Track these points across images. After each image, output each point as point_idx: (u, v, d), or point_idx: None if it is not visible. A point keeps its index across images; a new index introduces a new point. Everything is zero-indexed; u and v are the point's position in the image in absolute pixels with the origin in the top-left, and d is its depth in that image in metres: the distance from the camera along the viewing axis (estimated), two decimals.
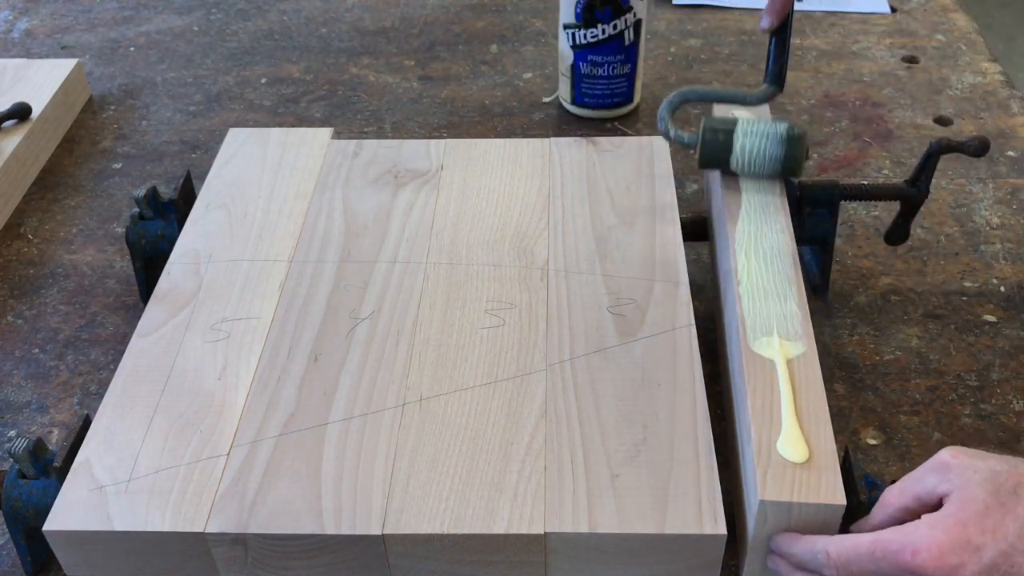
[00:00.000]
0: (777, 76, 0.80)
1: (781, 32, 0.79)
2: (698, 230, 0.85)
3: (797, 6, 0.91)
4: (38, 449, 0.64)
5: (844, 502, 0.56)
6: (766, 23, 0.78)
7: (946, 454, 0.55)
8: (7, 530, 0.67)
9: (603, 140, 0.90)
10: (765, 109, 0.83)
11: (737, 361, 0.66)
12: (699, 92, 0.82)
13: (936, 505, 0.54)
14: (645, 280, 0.75)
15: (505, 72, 1.19)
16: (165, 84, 1.19)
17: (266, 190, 0.86)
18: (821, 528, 0.57)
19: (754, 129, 0.76)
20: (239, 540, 0.60)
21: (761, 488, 0.57)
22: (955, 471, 0.53)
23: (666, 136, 0.80)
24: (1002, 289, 0.87)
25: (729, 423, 0.71)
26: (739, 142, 0.76)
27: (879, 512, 0.57)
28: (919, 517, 0.54)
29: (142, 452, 0.64)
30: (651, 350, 0.70)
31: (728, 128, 0.77)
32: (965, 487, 0.52)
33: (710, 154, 0.77)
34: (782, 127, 0.76)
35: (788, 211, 0.76)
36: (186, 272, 0.78)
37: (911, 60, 1.19)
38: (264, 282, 0.77)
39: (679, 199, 0.84)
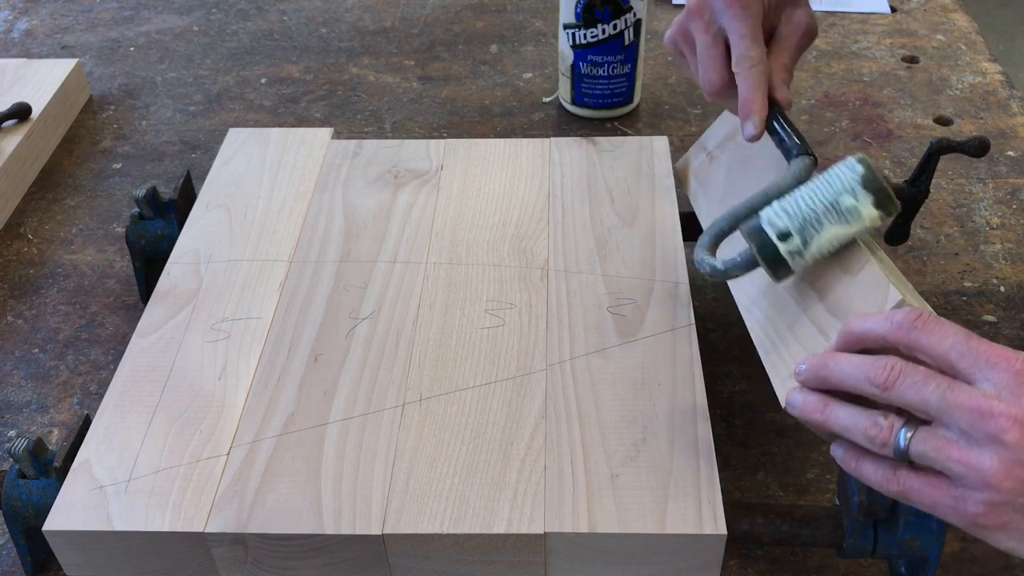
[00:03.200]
0: (800, 145, 0.66)
1: (774, 118, 0.68)
2: (696, 229, 0.85)
3: None
4: (38, 449, 0.64)
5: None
6: (752, 131, 0.66)
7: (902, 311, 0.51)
8: (7, 530, 0.67)
9: (603, 140, 0.90)
10: None
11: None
12: (727, 214, 0.65)
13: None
14: (645, 280, 0.75)
15: (505, 72, 1.19)
16: (165, 84, 1.19)
17: (266, 190, 0.86)
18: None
19: (806, 195, 0.60)
20: (239, 540, 0.60)
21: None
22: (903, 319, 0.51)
23: (715, 273, 0.63)
24: (1002, 289, 0.87)
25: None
26: (805, 218, 0.59)
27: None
28: None
29: (142, 452, 0.64)
30: (651, 350, 0.70)
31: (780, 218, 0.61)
32: None
33: (775, 257, 0.60)
34: (846, 165, 0.59)
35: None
36: (186, 272, 0.78)
37: (911, 60, 1.19)
38: (264, 282, 0.77)
39: (679, 199, 0.84)
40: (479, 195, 0.85)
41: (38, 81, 1.10)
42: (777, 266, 0.60)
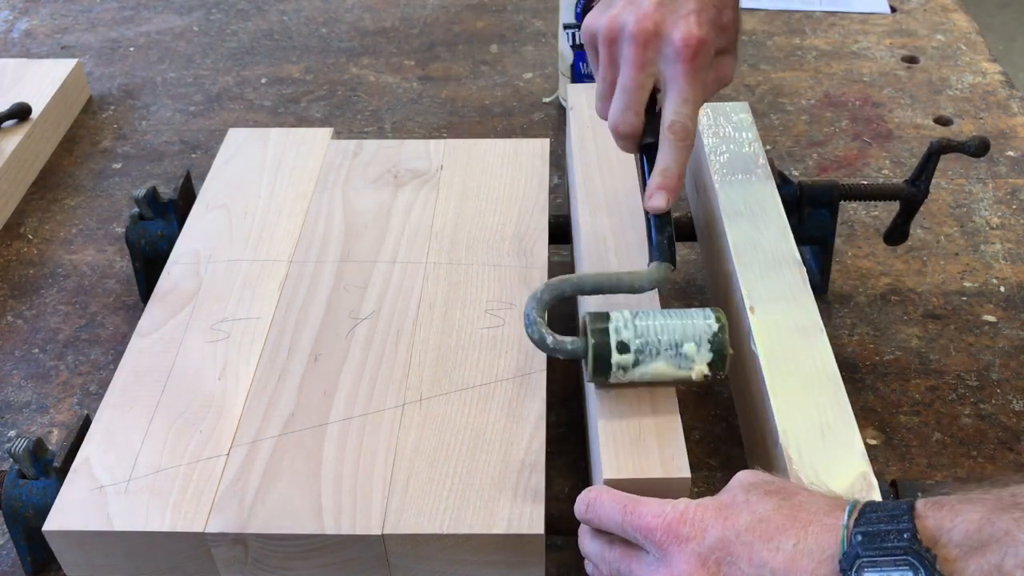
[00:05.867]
0: (666, 252, 0.64)
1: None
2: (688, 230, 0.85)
3: (797, 5, 0.90)
4: (38, 449, 0.64)
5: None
6: (658, 204, 0.64)
7: (740, 474, 0.54)
8: (7, 530, 0.67)
9: None
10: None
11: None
12: (574, 282, 0.63)
13: None
14: None
15: (505, 72, 1.19)
16: (165, 84, 1.19)
17: (266, 190, 0.86)
18: None
19: (659, 324, 0.60)
20: (239, 540, 0.60)
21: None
22: (735, 480, 0.54)
23: (542, 346, 0.61)
24: (1002, 289, 0.87)
25: (744, 426, 0.71)
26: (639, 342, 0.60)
27: None
28: None
29: (142, 452, 0.64)
30: None
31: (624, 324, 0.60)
32: (732, 486, 0.53)
33: (604, 362, 0.60)
34: (704, 317, 0.60)
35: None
36: (186, 272, 0.78)
37: (911, 60, 1.19)
38: (264, 282, 0.77)
39: (679, 199, 0.84)
40: (479, 195, 0.85)
41: (38, 81, 1.10)
42: (600, 372, 0.60)
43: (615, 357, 0.59)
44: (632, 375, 0.60)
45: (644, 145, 0.66)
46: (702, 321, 0.60)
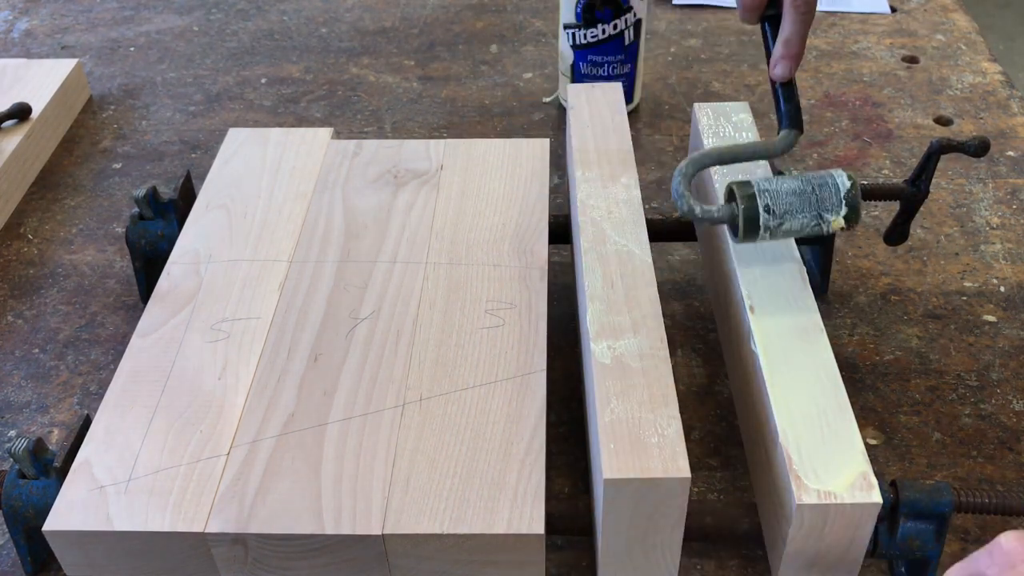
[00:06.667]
0: (794, 118, 0.71)
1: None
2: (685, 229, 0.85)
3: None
4: (38, 449, 0.64)
5: (880, 500, 0.56)
6: (782, 72, 0.70)
7: (1005, 538, 0.51)
8: (7, 530, 0.67)
9: None
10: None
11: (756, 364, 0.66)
12: (715, 154, 0.70)
13: None
14: None
15: (505, 72, 1.19)
16: (165, 84, 1.19)
17: (266, 190, 0.86)
18: (857, 527, 0.57)
19: (797, 186, 0.67)
20: (239, 540, 0.60)
21: (797, 493, 0.56)
22: (1005, 556, 0.50)
23: (691, 216, 0.68)
24: (1002, 289, 0.87)
25: (744, 425, 0.71)
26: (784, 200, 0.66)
27: None
28: None
29: (142, 452, 0.64)
30: None
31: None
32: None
33: (753, 223, 0.67)
34: (836, 176, 0.67)
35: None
36: (186, 272, 0.78)
37: (911, 60, 1.19)
38: (264, 282, 0.77)
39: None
40: (479, 195, 0.85)
41: (38, 81, 1.10)
42: (749, 231, 0.67)
43: (763, 218, 0.66)
44: (777, 233, 0.67)
45: (766, 17, 0.72)
46: (836, 180, 0.66)
